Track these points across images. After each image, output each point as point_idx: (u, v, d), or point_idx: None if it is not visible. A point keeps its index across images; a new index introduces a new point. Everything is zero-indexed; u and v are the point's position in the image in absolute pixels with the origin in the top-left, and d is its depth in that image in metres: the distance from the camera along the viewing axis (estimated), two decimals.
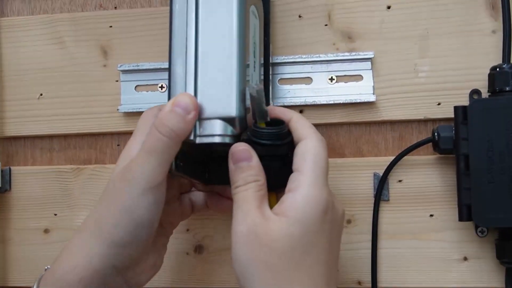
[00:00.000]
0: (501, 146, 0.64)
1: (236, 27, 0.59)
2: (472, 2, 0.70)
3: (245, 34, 0.59)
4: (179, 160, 0.58)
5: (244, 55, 0.59)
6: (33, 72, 0.79)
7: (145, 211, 0.56)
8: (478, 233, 0.68)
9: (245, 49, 0.59)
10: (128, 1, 0.78)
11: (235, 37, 0.58)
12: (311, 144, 0.57)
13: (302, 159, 0.56)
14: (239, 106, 0.58)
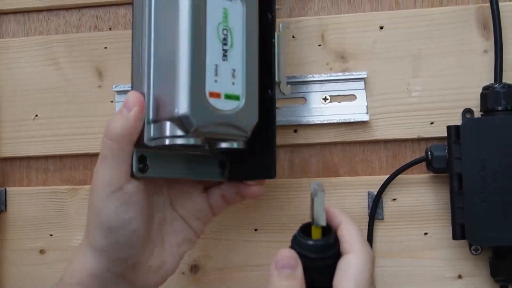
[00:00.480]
0: (494, 166, 0.65)
1: (185, 18, 0.56)
2: (464, 22, 0.71)
3: (196, 26, 0.56)
4: (144, 162, 0.59)
5: (194, 50, 0.56)
6: (28, 93, 0.79)
7: (113, 214, 0.57)
8: (472, 251, 0.69)
9: (197, 44, 0.56)
10: (123, 22, 0.79)
11: (184, 32, 0.56)
12: (355, 261, 0.53)
13: (344, 276, 0.53)
14: (191, 105, 0.55)
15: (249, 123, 0.58)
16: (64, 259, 0.77)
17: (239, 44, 0.59)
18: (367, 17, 0.73)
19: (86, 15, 0.79)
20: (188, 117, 0.54)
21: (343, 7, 0.74)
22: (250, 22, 0.60)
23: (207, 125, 0.56)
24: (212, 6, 0.57)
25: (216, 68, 0.57)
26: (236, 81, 0.58)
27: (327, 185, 0.72)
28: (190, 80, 0.55)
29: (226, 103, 0.57)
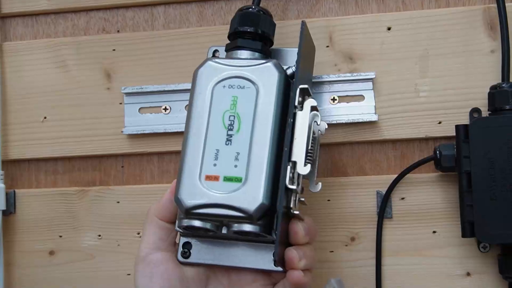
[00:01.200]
0: (503, 164, 0.65)
1: (190, 107, 0.61)
2: (471, 22, 0.72)
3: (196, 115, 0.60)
4: (188, 248, 0.62)
5: (190, 138, 0.60)
6: (36, 95, 0.79)
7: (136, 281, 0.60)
8: (481, 249, 0.70)
9: (196, 131, 0.60)
10: (131, 24, 0.79)
11: (188, 119, 0.61)
12: None
13: None
14: (182, 188, 0.58)
15: (250, 205, 0.56)
16: (73, 260, 0.78)
17: (247, 128, 0.59)
18: (374, 18, 0.74)
19: (94, 18, 0.80)
20: (179, 199, 0.58)
21: (350, 8, 0.75)
22: (263, 106, 0.59)
23: (198, 206, 0.57)
24: (219, 95, 0.60)
25: (216, 153, 0.59)
26: (239, 164, 0.58)
27: (336, 184, 0.73)
28: (186, 165, 0.59)
29: (224, 186, 0.57)
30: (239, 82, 0.61)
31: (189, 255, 0.61)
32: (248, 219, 0.56)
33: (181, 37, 0.77)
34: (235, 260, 0.61)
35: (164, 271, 0.59)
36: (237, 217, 0.57)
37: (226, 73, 0.61)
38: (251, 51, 0.64)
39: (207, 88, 0.61)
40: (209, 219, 0.58)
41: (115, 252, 0.77)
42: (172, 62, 0.77)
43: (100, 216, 0.78)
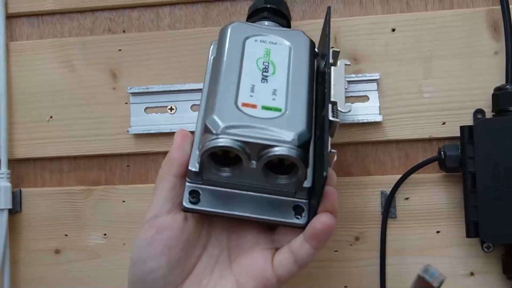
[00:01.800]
0: (507, 164, 0.66)
1: (218, 57, 0.60)
2: (475, 24, 0.72)
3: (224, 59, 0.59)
4: (197, 196, 0.56)
5: (225, 72, 0.57)
6: (42, 95, 0.80)
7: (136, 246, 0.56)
8: (484, 249, 0.70)
9: (230, 67, 0.58)
10: (137, 24, 0.80)
11: (221, 62, 0.59)
12: None
13: None
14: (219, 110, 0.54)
15: (293, 129, 0.53)
16: (79, 259, 0.78)
17: (282, 73, 0.59)
18: (379, 20, 0.74)
19: (99, 18, 0.80)
20: (213, 118, 0.53)
21: (355, 9, 0.76)
22: (297, 60, 0.60)
23: (236, 126, 0.53)
24: (251, 47, 0.60)
25: (252, 87, 0.57)
26: (277, 98, 0.56)
27: (341, 184, 0.73)
28: (219, 93, 0.55)
29: (263, 112, 0.54)
30: (271, 39, 0.61)
31: (197, 201, 0.55)
32: (289, 143, 0.52)
33: (186, 37, 0.77)
34: (248, 210, 0.56)
35: (166, 239, 0.54)
36: (277, 141, 0.52)
37: (256, 31, 0.62)
38: (275, 23, 0.66)
39: (239, 40, 0.60)
40: (244, 141, 0.53)
41: (121, 251, 0.78)
42: (178, 62, 0.77)
43: (105, 215, 0.78)
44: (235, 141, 0.52)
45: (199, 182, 0.56)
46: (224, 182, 0.56)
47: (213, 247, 0.58)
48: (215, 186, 0.56)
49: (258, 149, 0.53)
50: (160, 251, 0.54)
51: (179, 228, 0.55)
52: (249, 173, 0.54)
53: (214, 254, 0.58)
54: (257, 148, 0.53)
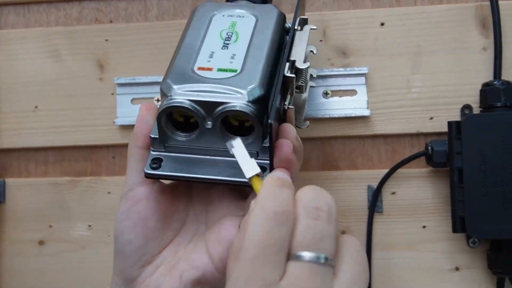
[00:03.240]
0: (494, 160, 0.66)
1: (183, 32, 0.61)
2: (463, 20, 0.73)
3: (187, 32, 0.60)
4: (159, 163, 0.56)
5: (186, 40, 0.59)
6: (28, 84, 0.79)
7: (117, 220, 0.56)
8: (470, 244, 0.71)
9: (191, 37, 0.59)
10: (124, 15, 0.79)
11: (181, 36, 0.60)
12: None
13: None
14: (172, 75, 0.54)
15: (245, 85, 0.53)
16: (63, 251, 0.78)
17: (244, 40, 0.59)
18: (368, 14, 0.74)
19: (86, 8, 0.80)
20: (167, 82, 0.54)
21: (344, 3, 0.76)
22: (262, 29, 0.60)
23: (188, 87, 0.53)
24: (217, 21, 0.61)
25: (211, 54, 0.57)
26: (235, 61, 0.56)
27: (327, 178, 0.73)
28: (177, 61, 0.56)
29: (218, 74, 0.55)
30: (239, 13, 0.62)
31: (158, 166, 0.55)
32: (240, 99, 0.52)
33: (174, 28, 0.77)
34: (210, 173, 0.55)
35: (141, 210, 0.55)
36: (228, 97, 0.53)
37: (225, 8, 0.62)
38: (249, 2, 0.67)
39: (206, 16, 0.61)
40: (196, 101, 0.53)
41: (106, 243, 0.77)
42: (165, 54, 0.75)
43: (91, 207, 0.78)
44: (188, 101, 0.53)
45: (162, 150, 0.56)
46: (187, 148, 0.56)
47: (192, 222, 0.58)
48: (178, 153, 0.56)
49: (211, 109, 0.53)
50: (136, 222, 0.55)
51: (154, 199, 0.56)
52: (208, 135, 0.54)
53: (192, 228, 0.58)
54: (210, 107, 0.53)
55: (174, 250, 0.56)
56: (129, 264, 0.55)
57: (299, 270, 0.42)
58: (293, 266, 0.43)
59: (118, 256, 0.56)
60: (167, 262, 0.56)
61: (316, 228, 0.44)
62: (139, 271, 0.55)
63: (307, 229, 0.44)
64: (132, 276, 0.55)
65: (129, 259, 0.55)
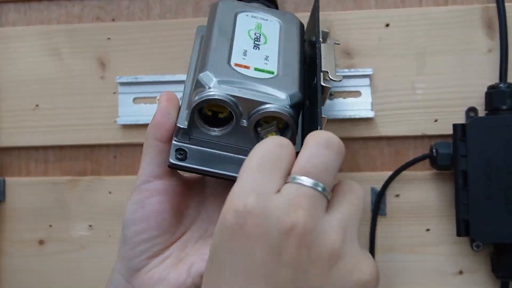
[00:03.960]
0: (499, 163, 0.66)
1: (208, 28, 0.59)
2: (469, 21, 0.72)
3: (215, 27, 0.58)
4: (184, 154, 0.55)
5: (219, 35, 0.56)
6: (29, 83, 0.78)
7: (128, 210, 0.56)
8: (474, 248, 0.70)
9: (223, 31, 0.57)
10: (126, 13, 0.78)
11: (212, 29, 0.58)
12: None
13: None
14: (211, 66, 0.52)
15: (285, 90, 0.53)
16: (63, 250, 0.77)
17: (274, 44, 0.58)
18: (372, 14, 0.74)
19: (88, 6, 0.79)
20: (207, 73, 0.52)
21: (348, 3, 0.75)
22: (287, 35, 0.60)
23: (230, 82, 0.52)
24: (242, 19, 0.60)
25: (245, 52, 0.56)
26: (270, 63, 0.56)
27: None
28: (213, 53, 0.54)
29: (256, 73, 0.54)
30: (262, 16, 0.61)
31: (184, 158, 0.54)
32: (281, 102, 0.52)
33: (177, 27, 0.76)
34: (233, 171, 0.54)
35: (157, 202, 0.55)
36: (269, 98, 0.52)
37: (248, 8, 0.62)
38: (264, 5, 0.66)
39: (230, 13, 0.60)
40: (237, 97, 0.52)
41: (106, 243, 0.77)
42: (168, 53, 0.76)
43: (91, 207, 0.77)
44: (228, 95, 0.52)
45: (186, 141, 0.55)
46: (212, 143, 0.55)
47: (202, 222, 0.58)
48: (202, 146, 0.55)
49: (250, 107, 0.52)
50: (150, 214, 0.55)
51: (170, 193, 0.56)
52: (239, 133, 0.54)
53: (202, 227, 0.58)
54: (249, 105, 0.52)
55: (182, 246, 0.57)
56: (137, 253, 0.55)
57: (294, 190, 0.43)
58: (289, 186, 0.43)
59: (126, 245, 0.56)
60: (175, 256, 0.56)
61: (320, 157, 0.44)
62: (146, 262, 0.55)
63: (311, 156, 0.44)
64: (137, 266, 0.55)
65: (137, 248, 0.55)
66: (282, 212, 0.42)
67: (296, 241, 0.42)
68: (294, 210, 0.42)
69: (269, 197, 0.43)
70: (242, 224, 0.42)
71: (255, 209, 0.42)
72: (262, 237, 0.42)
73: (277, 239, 0.41)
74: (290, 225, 0.42)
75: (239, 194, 0.43)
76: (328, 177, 0.44)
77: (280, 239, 0.41)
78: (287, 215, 0.42)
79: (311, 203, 0.43)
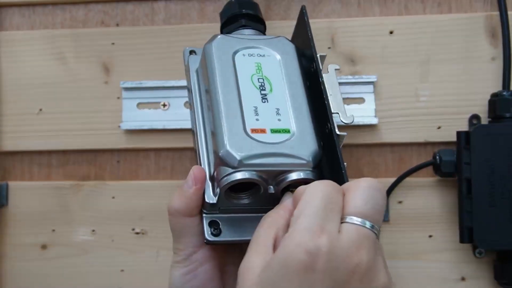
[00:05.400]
0: (503, 171, 0.66)
1: (214, 76, 0.57)
2: (473, 29, 0.72)
3: (224, 79, 0.57)
4: (217, 227, 0.55)
5: (225, 97, 0.56)
6: (32, 87, 0.78)
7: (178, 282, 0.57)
8: (476, 254, 0.70)
9: (228, 91, 0.56)
10: (131, 18, 0.78)
11: (215, 86, 0.57)
12: (365, 180, 0.50)
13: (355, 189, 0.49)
14: (230, 141, 0.53)
15: (306, 150, 0.54)
16: (66, 255, 0.77)
17: (279, 89, 0.58)
18: (377, 21, 0.74)
19: (92, 11, 0.79)
20: (229, 151, 0.52)
21: (352, 10, 0.75)
22: (289, 70, 0.60)
23: (253, 156, 0.52)
24: (241, 63, 0.59)
25: (256, 109, 0.56)
26: (282, 118, 0.56)
27: None
28: (226, 122, 0.54)
29: (274, 136, 0.54)
30: (258, 51, 0.60)
31: (219, 232, 0.55)
32: (307, 167, 0.53)
33: (181, 33, 0.76)
34: None
35: (209, 269, 0.57)
36: (293, 165, 0.53)
37: (242, 44, 0.60)
38: (255, 31, 0.65)
39: (227, 57, 0.59)
40: (262, 171, 0.53)
41: (109, 248, 0.77)
42: (172, 58, 0.76)
43: (94, 211, 0.77)
44: (255, 173, 0.53)
45: (216, 211, 0.56)
46: (239, 208, 0.56)
47: (229, 275, 0.60)
48: (231, 213, 0.56)
49: (276, 176, 0.53)
50: (205, 281, 0.57)
51: (216, 257, 0.57)
52: (265, 197, 0.55)
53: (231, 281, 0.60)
54: (275, 175, 0.53)
55: None
56: None
57: (355, 231, 0.46)
58: (350, 227, 0.47)
59: None
60: None
61: (374, 200, 0.48)
62: None
63: (367, 199, 0.48)
64: None
65: None
66: (348, 252, 0.45)
67: (359, 277, 0.46)
68: (358, 250, 0.46)
69: (336, 238, 0.46)
70: (314, 262, 0.45)
71: (325, 249, 0.45)
72: (330, 273, 0.45)
73: (343, 275, 0.45)
74: (356, 263, 0.45)
75: (308, 233, 0.46)
76: (381, 218, 0.49)
77: (346, 275, 0.45)
78: (353, 255, 0.46)
79: (371, 243, 0.47)
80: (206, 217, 0.56)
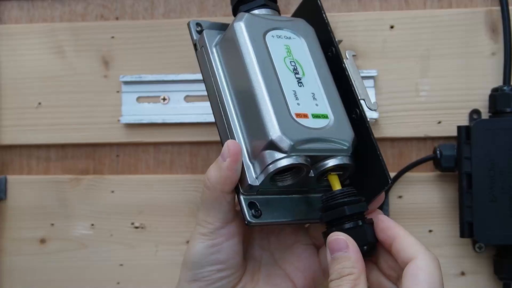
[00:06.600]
0: (503, 166, 0.66)
1: (251, 60, 0.57)
2: (473, 24, 0.72)
3: (262, 63, 0.56)
4: (256, 208, 0.56)
5: (267, 81, 0.55)
6: (31, 80, 0.78)
7: (200, 254, 0.57)
8: (476, 249, 0.71)
9: (268, 76, 0.56)
10: (130, 12, 0.78)
11: (254, 71, 0.56)
12: (423, 263, 0.51)
13: (415, 281, 0.50)
14: (282, 126, 0.53)
15: (346, 136, 0.56)
16: (65, 249, 0.77)
17: (310, 73, 0.59)
18: (377, 16, 0.74)
19: (92, 4, 0.79)
20: (282, 137, 0.53)
21: (353, 5, 0.75)
22: (314, 53, 0.60)
23: (303, 141, 0.53)
24: (273, 44, 0.59)
25: (295, 94, 0.56)
26: (319, 103, 0.57)
27: None
28: (272, 106, 0.54)
29: (315, 122, 0.55)
30: (285, 33, 0.61)
31: (260, 214, 0.55)
32: (346, 152, 0.55)
33: (181, 27, 0.75)
34: (300, 215, 0.58)
35: (234, 244, 0.57)
36: (336, 150, 0.55)
37: (270, 25, 0.60)
38: (273, 10, 0.64)
39: (259, 37, 0.58)
40: (311, 155, 0.54)
41: (108, 242, 0.77)
42: (172, 52, 0.76)
43: (93, 205, 0.77)
44: (305, 157, 0.54)
45: (254, 193, 0.56)
46: (274, 190, 0.57)
47: (255, 251, 0.63)
48: (267, 194, 0.57)
49: (319, 161, 0.55)
50: (229, 255, 0.58)
51: (242, 234, 0.59)
52: (302, 178, 0.56)
53: (257, 257, 0.62)
54: (318, 159, 0.55)
55: (250, 276, 0.61)
56: None
57: None
58: None
59: (200, 282, 0.58)
60: (246, 286, 0.60)
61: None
62: None
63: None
64: None
65: (214, 285, 0.58)
66: None
67: None
68: None
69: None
70: None
71: None
72: None
73: None
74: None
75: None
76: None
77: None
78: None
79: None
80: (245, 199, 0.56)
